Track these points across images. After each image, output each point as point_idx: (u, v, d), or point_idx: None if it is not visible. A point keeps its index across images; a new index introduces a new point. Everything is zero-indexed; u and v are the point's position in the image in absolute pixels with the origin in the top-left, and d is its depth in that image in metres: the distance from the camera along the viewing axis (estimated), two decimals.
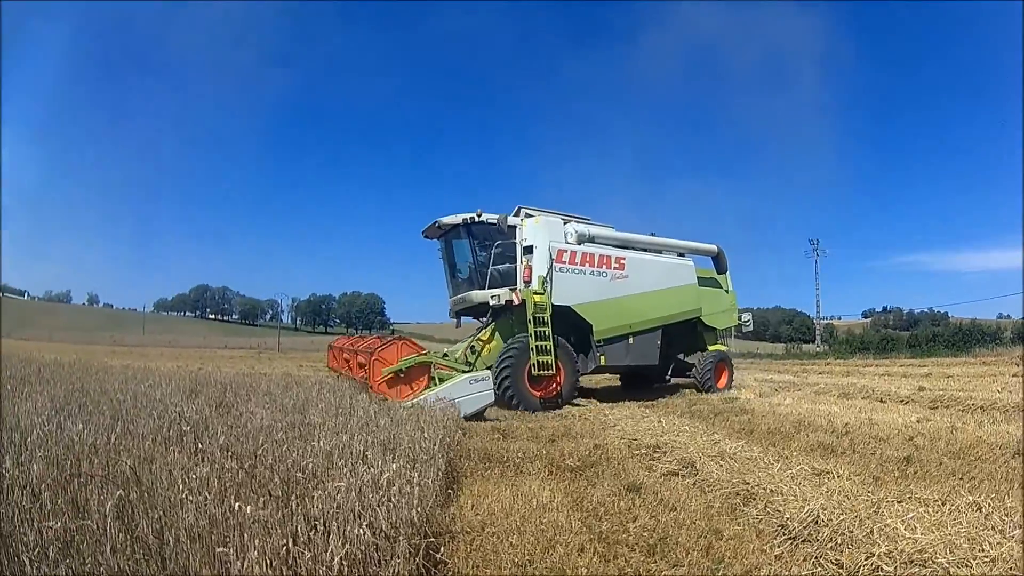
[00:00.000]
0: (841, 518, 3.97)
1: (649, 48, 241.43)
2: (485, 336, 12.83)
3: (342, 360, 13.71)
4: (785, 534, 4.00)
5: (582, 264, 13.15)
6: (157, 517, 2.92)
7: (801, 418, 9.04)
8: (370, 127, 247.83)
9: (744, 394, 13.66)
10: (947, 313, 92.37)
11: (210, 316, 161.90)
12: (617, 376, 16.98)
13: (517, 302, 12.29)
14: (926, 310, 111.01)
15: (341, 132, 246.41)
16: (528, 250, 12.75)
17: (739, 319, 17.42)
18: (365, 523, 3.08)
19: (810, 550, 3.73)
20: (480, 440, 7.70)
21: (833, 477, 5.23)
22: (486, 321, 13.35)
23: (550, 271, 12.56)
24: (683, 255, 16.01)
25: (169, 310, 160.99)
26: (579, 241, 13.35)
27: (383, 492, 3.53)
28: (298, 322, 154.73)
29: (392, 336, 11.07)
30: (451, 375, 10.43)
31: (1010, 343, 35.22)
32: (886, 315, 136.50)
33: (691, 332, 15.82)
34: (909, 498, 4.44)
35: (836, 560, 3.53)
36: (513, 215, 13.32)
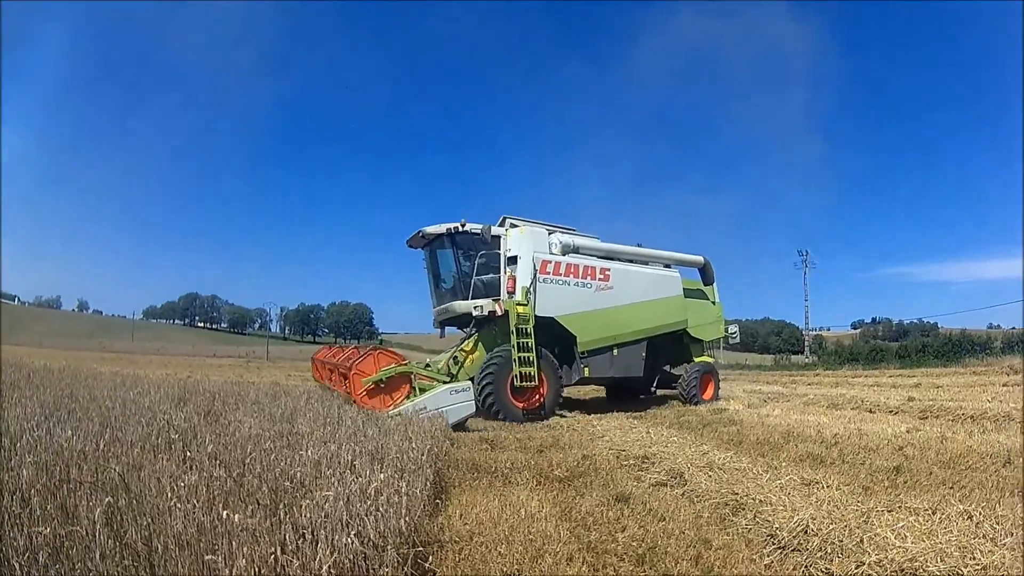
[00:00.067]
0: (831, 528, 3.98)
1: (639, 56, 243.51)
2: (468, 347, 12.70)
3: (326, 373, 13.60)
4: (774, 544, 4.01)
5: (566, 275, 13.11)
6: (146, 524, 2.91)
7: (790, 429, 9.07)
8: (360, 136, 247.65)
9: (733, 405, 13.69)
10: (936, 324, 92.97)
11: (199, 324, 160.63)
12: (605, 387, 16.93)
13: (500, 313, 12.23)
14: (915, 321, 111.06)
15: (331, 141, 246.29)
16: (512, 260, 12.72)
17: (726, 331, 17.37)
18: (353, 532, 3.07)
19: (800, 559, 3.74)
20: (468, 450, 7.69)
21: (822, 487, 5.25)
22: (469, 332, 13.28)
23: (534, 282, 12.51)
24: (669, 266, 15.97)
25: (158, 317, 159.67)
26: (564, 252, 13.32)
27: (371, 501, 3.52)
28: (287, 331, 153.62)
29: (371, 347, 10.96)
30: (432, 385, 10.41)
31: (1000, 353, 35.43)
32: (875, 326, 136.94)
33: (677, 344, 15.75)
34: (899, 507, 4.46)
35: (826, 569, 3.55)
36: (498, 225, 13.32)
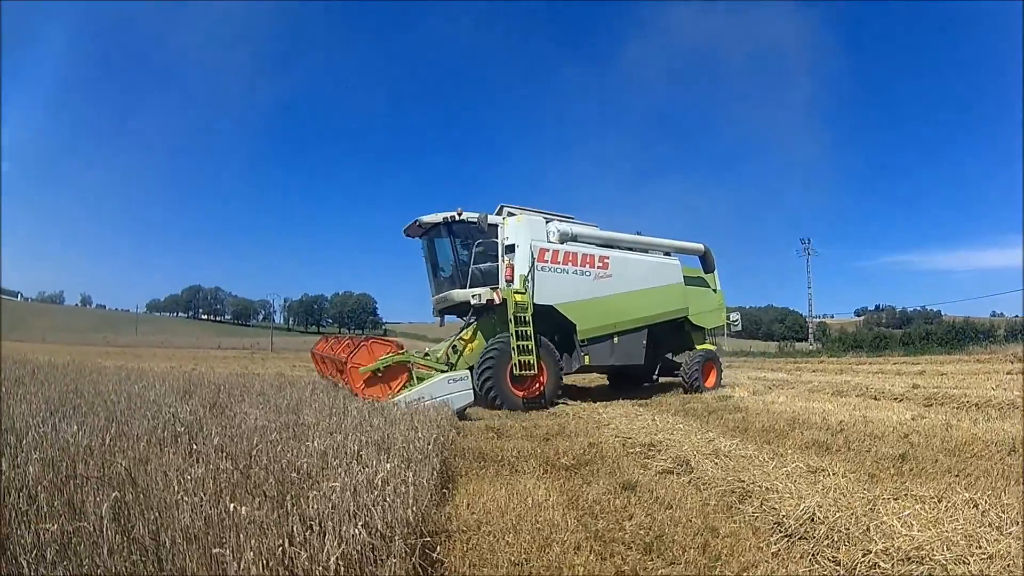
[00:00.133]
0: (837, 516, 3.97)
1: (638, 55, 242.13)
2: (467, 336, 12.72)
3: (327, 367, 13.61)
4: (781, 532, 4.01)
5: (564, 263, 13.09)
6: (153, 518, 2.91)
7: (795, 416, 9.05)
8: (362, 127, 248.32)
9: (738, 392, 13.68)
10: (940, 311, 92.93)
11: (203, 317, 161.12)
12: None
13: (498, 301, 12.22)
14: (919, 308, 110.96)
15: (334, 132, 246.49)
16: (510, 249, 12.69)
17: (727, 318, 17.35)
18: (361, 523, 3.07)
19: (807, 547, 3.73)
20: (474, 439, 7.69)
21: (829, 475, 5.23)
22: (468, 320, 13.26)
23: (532, 270, 12.50)
24: (669, 254, 15.91)
25: (162, 311, 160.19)
26: (562, 240, 13.27)
27: (378, 492, 3.52)
28: (291, 322, 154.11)
29: (364, 338, 10.93)
30: (430, 374, 10.40)
31: (1004, 341, 35.39)
32: (879, 313, 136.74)
33: (678, 331, 15.72)
34: (905, 495, 4.44)
35: (833, 557, 3.54)
36: (496, 213, 13.27)
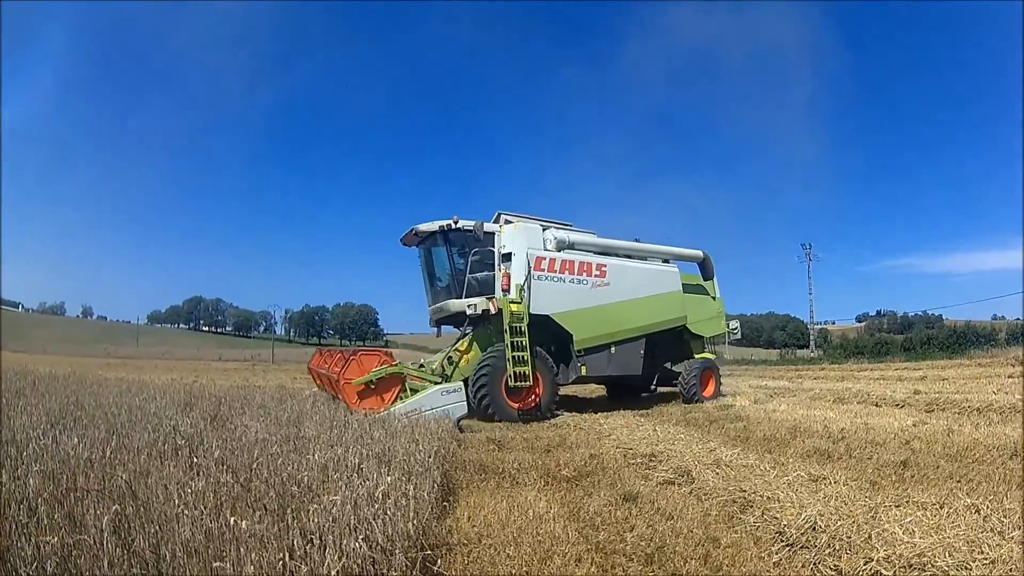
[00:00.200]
0: (839, 524, 3.96)
1: (638, 55, 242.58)
2: (463, 346, 12.55)
3: (325, 382, 13.52)
4: (783, 541, 3.99)
5: (561, 271, 12.91)
6: (153, 531, 2.91)
7: (796, 424, 9.04)
8: (362, 128, 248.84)
9: (739, 401, 13.65)
10: (941, 316, 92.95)
11: (204, 328, 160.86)
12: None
13: (494, 311, 12.00)
14: (920, 313, 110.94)
15: (334, 133, 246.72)
16: (506, 257, 12.50)
17: (726, 326, 17.05)
18: (361, 536, 3.07)
19: (808, 556, 3.72)
20: (475, 451, 7.68)
21: (830, 483, 5.22)
22: (464, 331, 13.08)
23: (528, 279, 12.32)
24: (668, 261, 15.57)
25: (163, 322, 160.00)
26: (558, 248, 13.11)
27: (379, 505, 3.52)
28: (292, 333, 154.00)
29: (352, 350, 10.86)
30: (424, 386, 10.35)
31: (1005, 344, 35.29)
32: (880, 319, 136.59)
33: (677, 340, 15.42)
34: (907, 502, 4.43)
35: (835, 566, 3.53)
36: (493, 221, 13.16)
